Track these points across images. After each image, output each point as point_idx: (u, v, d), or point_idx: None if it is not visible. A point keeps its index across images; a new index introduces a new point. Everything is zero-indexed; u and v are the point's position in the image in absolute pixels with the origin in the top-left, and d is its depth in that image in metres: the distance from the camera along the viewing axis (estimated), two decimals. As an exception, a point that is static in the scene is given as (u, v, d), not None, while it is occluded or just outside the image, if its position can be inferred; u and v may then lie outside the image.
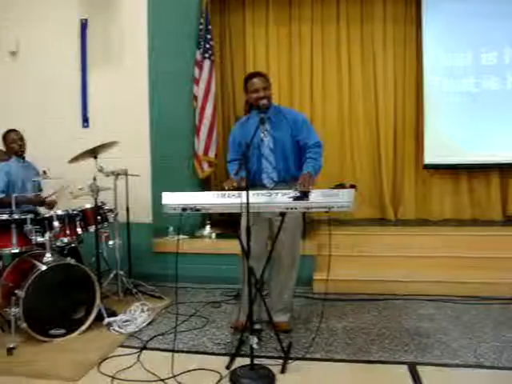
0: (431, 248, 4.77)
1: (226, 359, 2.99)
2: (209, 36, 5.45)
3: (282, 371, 2.85)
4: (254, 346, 2.73)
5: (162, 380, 2.75)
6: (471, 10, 5.66)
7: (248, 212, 2.72)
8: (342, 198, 2.71)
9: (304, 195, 2.74)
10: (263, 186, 3.32)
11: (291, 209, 2.81)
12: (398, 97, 6.17)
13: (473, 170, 5.94)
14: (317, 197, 2.72)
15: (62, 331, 3.36)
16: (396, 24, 6.09)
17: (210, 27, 5.49)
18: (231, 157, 3.53)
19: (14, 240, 3.50)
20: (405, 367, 2.88)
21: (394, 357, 3.03)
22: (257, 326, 3.28)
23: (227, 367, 2.90)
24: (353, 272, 4.55)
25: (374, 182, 6.29)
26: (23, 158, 4.28)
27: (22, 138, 4.21)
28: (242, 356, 2.98)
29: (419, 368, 2.85)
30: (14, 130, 4.21)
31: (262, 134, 3.31)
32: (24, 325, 3.18)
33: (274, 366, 2.88)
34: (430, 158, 5.90)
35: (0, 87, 5.34)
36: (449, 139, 5.82)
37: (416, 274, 4.44)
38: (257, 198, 2.79)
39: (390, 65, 6.13)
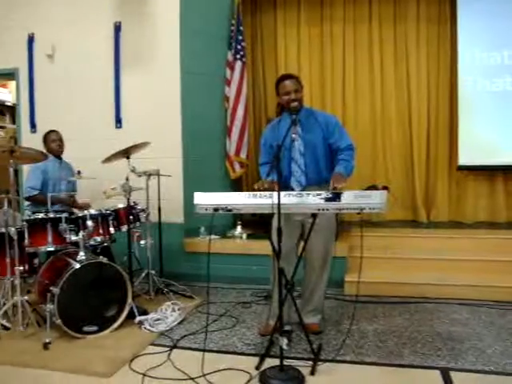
0: (464, 251, 4.68)
1: (256, 360, 2.99)
2: (240, 37, 5.47)
3: (312, 373, 2.83)
4: (284, 347, 2.72)
5: (192, 379, 2.77)
6: (505, 10, 5.51)
7: (279, 213, 2.72)
8: (374, 200, 2.69)
9: (336, 196, 2.72)
10: (292, 190, 3.28)
11: (322, 210, 2.79)
12: (431, 97, 6.06)
13: (509, 171, 5.79)
14: (349, 198, 2.71)
15: (95, 328, 3.42)
16: (429, 23, 5.97)
17: (241, 28, 5.51)
18: (263, 160, 3.51)
19: (50, 238, 3.59)
20: (437, 372, 2.82)
21: (427, 361, 2.98)
22: (287, 327, 3.27)
23: (257, 368, 2.90)
24: (384, 274, 4.50)
25: (406, 183, 6.19)
26: (60, 159, 4.41)
27: (61, 139, 4.40)
28: (272, 357, 2.97)
29: (452, 374, 2.79)
30: (54, 131, 4.37)
31: (294, 135, 3.28)
32: (59, 321, 3.26)
33: (304, 367, 2.87)
34: (464, 159, 5.76)
35: (38, 89, 5.48)
36: (484, 140, 5.68)
37: (448, 278, 4.36)
38: (288, 198, 2.78)
39: (423, 64, 6.03)
